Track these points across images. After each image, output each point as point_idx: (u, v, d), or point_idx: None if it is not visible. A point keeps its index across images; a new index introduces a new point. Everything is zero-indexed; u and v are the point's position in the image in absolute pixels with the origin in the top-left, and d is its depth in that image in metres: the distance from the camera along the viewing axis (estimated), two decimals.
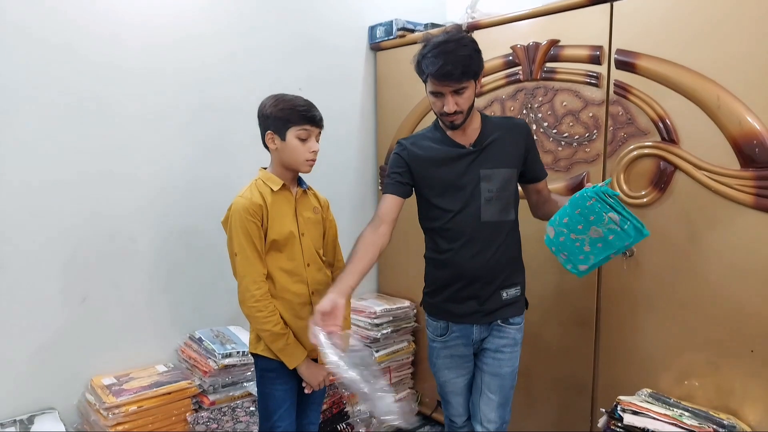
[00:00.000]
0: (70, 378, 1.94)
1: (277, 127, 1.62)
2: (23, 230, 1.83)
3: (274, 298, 1.65)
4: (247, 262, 1.60)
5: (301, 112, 1.62)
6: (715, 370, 1.71)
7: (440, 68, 1.49)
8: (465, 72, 1.51)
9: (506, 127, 1.68)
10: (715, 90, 1.62)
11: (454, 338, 1.74)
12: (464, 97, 1.55)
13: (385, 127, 2.77)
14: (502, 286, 1.68)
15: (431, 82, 1.55)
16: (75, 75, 1.89)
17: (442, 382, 1.81)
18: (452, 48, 1.50)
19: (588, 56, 1.92)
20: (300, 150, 1.63)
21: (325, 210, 1.81)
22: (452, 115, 1.57)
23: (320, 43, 2.56)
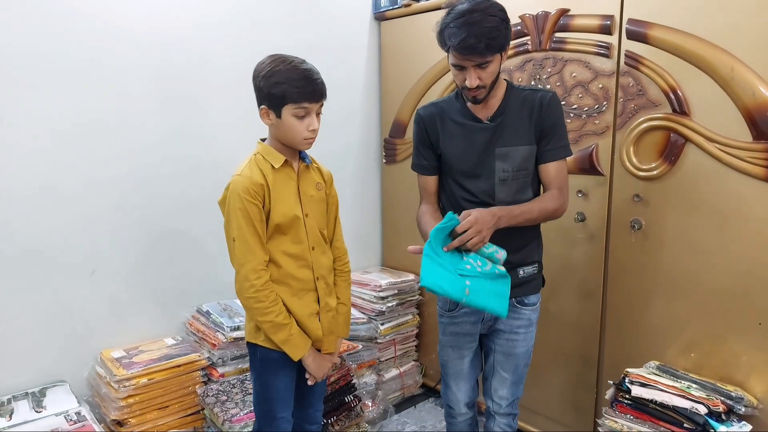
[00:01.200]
0: (80, 351, 1.95)
1: (271, 103, 1.45)
2: (31, 204, 1.82)
3: (276, 283, 1.53)
4: (247, 248, 1.46)
5: (297, 87, 1.42)
6: (723, 343, 1.72)
7: (463, 41, 1.38)
8: (489, 46, 1.39)
9: (529, 99, 1.55)
10: (728, 60, 1.60)
11: (462, 315, 1.68)
12: (488, 72, 1.45)
13: (389, 99, 2.73)
14: (519, 264, 1.59)
15: (453, 54, 1.45)
16: (74, 45, 1.86)
17: (444, 362, 1.77)
18: (477, 19, 1.38)
19: (598, 26, 1.88)
20: (297, 129, 1.46)
21: (329, 185, 1.66)
22: (474, 90, 1.47)
23: (323, 12, 2.51)
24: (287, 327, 1.52)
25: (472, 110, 1.58)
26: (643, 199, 1.85)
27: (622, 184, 1.89)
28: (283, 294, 1.54)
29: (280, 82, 1.42)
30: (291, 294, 1.55)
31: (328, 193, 1.66)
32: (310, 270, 1.58)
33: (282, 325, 1.51)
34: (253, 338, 1.58)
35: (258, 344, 1.57)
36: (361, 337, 2.44)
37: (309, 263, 1.57)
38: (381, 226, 2.91)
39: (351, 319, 2.44)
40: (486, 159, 1.55)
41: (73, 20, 1.84)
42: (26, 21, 1.76)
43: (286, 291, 1.54)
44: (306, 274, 1.57)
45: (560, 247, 2.09)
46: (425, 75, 2.49)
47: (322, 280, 1.60)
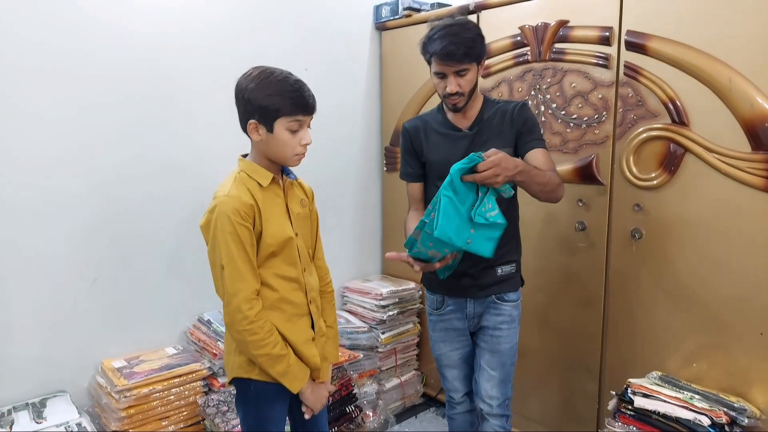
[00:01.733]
0: (80, 361, 1.95)
1: (263, 116, 1.34)
2: (34, 213, 1.82)
3: (269, 310, 1.40)
4: (238, 275, 1.33)
5: (291, 98, 1.34)
6: (724, 353, 1.72)
7: (444, 48, 1.54)
8: (467, 53, 1.55)
9: (503, 109, 1.69)
10: (726, 72, 1.61)
11: (449, 312, 1.79)
12: (466, 79, 1.60)
13: (390, 107, 2.75)
14: (497, 263, 1.69)
15: (435, 62, 1.59)
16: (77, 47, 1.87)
17: (438, 356, 1.87)
18: (456, 30, 1.56)
19: (598, 37, 1.89)
20: (290, 143, 1.37)
21: (311, 201, 1.58)
22: (454, 97, 1.61)
23: (325, 22, 2.53)
24: (285, 358, 1.39)
25: (452, 121, 1.72)
26: (644, 209, 1.85)
27: (623, 194, 1.90)
28: (277, 321, 1.41)
29: (273, 94, 1.33)
30: (285, 320, 1.43)
31: (311, 209, 1.57)
32: (303, 293, 1.48)
33: (280, 357, 1.38)
34: (245, 373, 1.43)
35: (252, 378, 1.43)
36: (362, 346, 2.44)
37: (302, 285, 1.48)
38: (381, 234, 2.91)
39: (352, 328, 2.47)
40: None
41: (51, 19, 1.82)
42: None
43: (279, 317, 1.42)
44: (300, 297, 1.47)
45: (561, 255, 2.10)
46: (425, 84, 2.51)
47: (314, 303, 1.52)
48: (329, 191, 2.61)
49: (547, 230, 2.13)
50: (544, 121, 2.09)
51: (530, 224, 2.10)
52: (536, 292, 2.16)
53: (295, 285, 1.46)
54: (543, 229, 2.14)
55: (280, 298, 1.43)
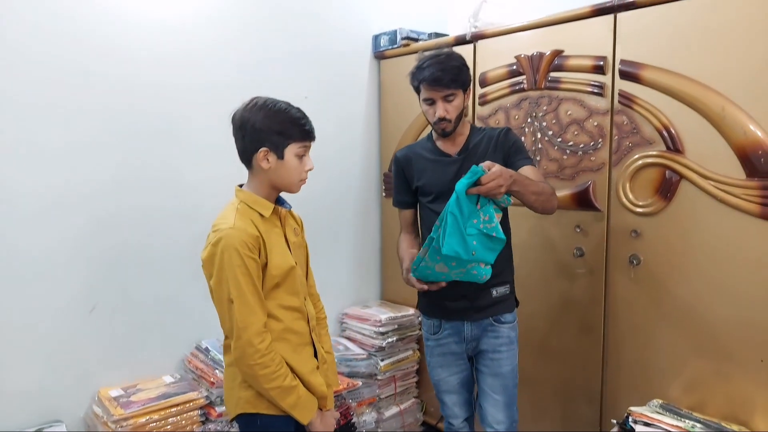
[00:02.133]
0: (77, 390, 1.94)
1: (274, 143, 1.37)
2: (32, 240, 1.83)
3: (275, 341, 1.40)
4: (248, 309, 1.32)
5: (301, 125, 1.39)
6: (725, 380, 1.71)
7: (432, 74, 1.65)
8: (453, 80, 1.66)
9: (489, 135, 1.79)
10: (719, 100, 1.63)
11: (446, 335, 1.82)
12: (453, 105, 1.69)
13: (388, 134, 2.78)
14: (492, 285, 1.72)
15: (424, 88, 1.70)
16: (81, 80, 1.90)
17: (436, 381, 1.88)
18: (443, 59, 1.67)
19: (592, 66, 1.93)
20: (298, 169, 1.41)
21: (302, 229, 1.61)
22: (443, 122, 1.70)
23: (325, 51, 2.57)
24: (296, 389, 1.39)
25: (441, 148, 1.80)
26: (641, 235, 1.86)
27: (620, 220, 1.91)
28: (283, 351, 1.41)
29: (284, 121, 1.37)
30: (291, 350, 1.43)
31: (303, 237, 1.60)
32: (305, 321, 1.49)
33: (291, 388, 1.38)
34: (252, 408, 1.41)
35: (259, 413, 1.42)
36: (361, 374, 2.42)
37: (305, 314, 1.49)
38: (381, 259, 2.91)
39: (351, 355, 2.45)
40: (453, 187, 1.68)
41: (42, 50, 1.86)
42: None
43: (286, 348, 1.42)
44: (303, 326, 1.48)
45: (560, 282, 2.10)
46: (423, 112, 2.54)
47: (314, 331, 1.54)
48: (328, 217, 2.62)
49: (545, 256, 2.14)
50: (540, 148, 2.11)
51: (528, 250, 2.11)
52: (535, 318, 2.15)
53: (298, 314, 1.47)
54: (541, 255, 2.15)
55: (285, 329, 1.43)
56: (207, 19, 2.19)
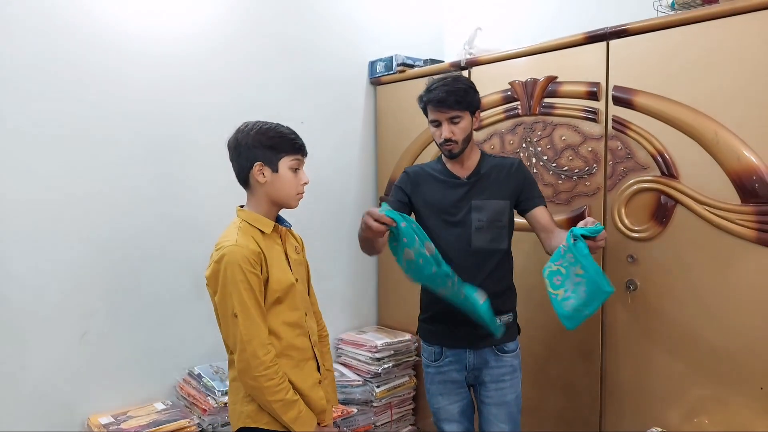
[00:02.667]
0: (67, 417, 1.90)
1: (267, 158, 1.44)
2: (22, 265, 1.82)
3: (277, 357, 1.42)
4: (252, 322, 1.36)
5: (291, 139, 1.47)
6: (724, 408, 1.68)
7: (436, 96, 1.68)
8: (458, 101, 1.67)
9: (501, 164, 1.79)
10: (712, 126, 1.65)
11: (447, 363, 1.79)
12: (459, 127, 1.69)
13: (385, 159, 2.79)
14: (496, 312, 1.68)
15: (430, 110, 1.72)
16: (72, 101, 1.91)
17: (436, 409, 1.84)
18: (449, 82, 1.70)
19: (586, 92, 1.95)
20: (293, 182, 1.48)
21: (303, 248, 1.65)
22: (449, 143, 1.70)
23: (322, 77, 2.60)
24: (297, 404, 1.42)
25: (450, 169, 1.79)
26: (637, 260, 1.86)
27: (616, 245, 1.91)
28: (285, 367, 1.43)
29: (275, 137, 1.46)
30: (293, 366, 1.46)
31: (304, 255, 1.64)
32: (307, 337, 1.53)
33: (292, 402, 1.40)
34: (253, 422, 1.44)
35: (260, 428, 1.44)
36: (356, 401, 2.39)
37: (306, 330, 1.52)
38: (377, 284, 2.90)
39: (346, 381, 2.42)
40: (463, 209, 1.73)
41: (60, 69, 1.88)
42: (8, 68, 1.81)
43: (287, 364, 1.45)
44: (305, 342, 1.51)
45: None
46: (419, 137, 2.56)
47: (316, 346, 1.57)
48: (325, 241, 2.61)
49: (542, 281, 2.11)
50: (535, 173, 2.12)
51: (526, 276, 2.09)
52: (533, 343, 2.13)
53: (299, 330, 1.50)
54: (538, 280, 2.11)
55: (287, 345, 1.46)
56: (205, 44, 2.21)
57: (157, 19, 2.08)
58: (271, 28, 2.40)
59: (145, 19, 2.05)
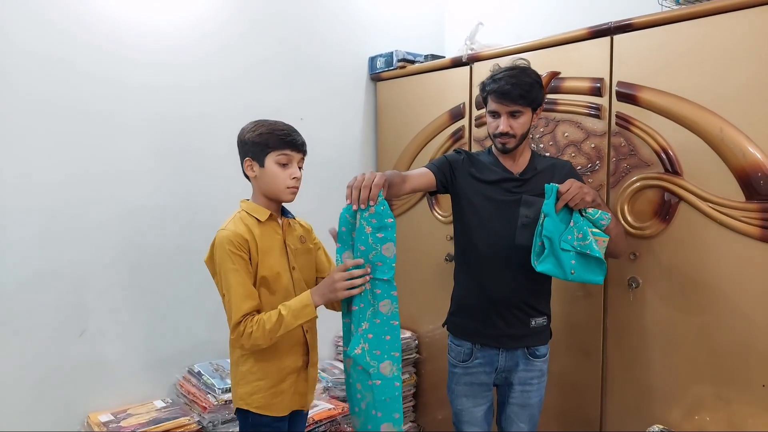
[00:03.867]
0: (67, 415, 1.90)
1: (255, 153, 1.52)
2: (20, 262, 1.81)
3: (265, 364, 1.52)
4: (237, 298, 1.44)
5: (280, 135, 1.52)
6: (726, 405, 1.67)
7: (500, 87, 1.61)
8: (523, 95, 1.61)
9: (554, 164, 1.77)
10: (717, 122, 1.63)
11: (477, 365, 1.74)
12: (519, 122, 1.64)
13: (385, 156, 2.77)
14: (531, 314, 1.70)
15: (491, 100, 1.65)
16: (73, 105, 1.90)
17: (458, 410, 1.80)
18: (516, 74, 1.63)
19: (589, 88, 1.93)
20: (280, 176, 1.52)
21: (310, 235, 1.70)
22: (505, 137, 1.64)
23: (321, 73, 2.58)
24: (283, 317, 1.43)
25: (502, 162, 1.74)
26: (640, 257, 1.84)
27: None
28: (271, 350, 1.50)
29: (264, 133, 1.52)
30: (275, 349, 1.51)
31: (313, 242, 1.70)
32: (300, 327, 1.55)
33: (281, 319, 1.43)
34: (245, 405, 1.53)
35: (250, 411, 1.52)
36: None
37: None
38: None
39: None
40: (511, 204, 1.69)
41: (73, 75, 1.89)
42: (22, 69, 1.80)
43: (273, 349, 1.51)
44: (295, 331, 1.53)
45: (559, 304, 2.06)
46: (420, 134, 2.54)
47: (310, 332, 1.60)
48: (324, 239, 2.59)
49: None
50: None
51: None
52: None
53: None
54: None
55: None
56: (201, 41, 2.19)
57: (156, 16, 2.06)
58: (270, 24, 2.39)
59: (144, 16, 2.03)
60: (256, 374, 1.52)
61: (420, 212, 2.59)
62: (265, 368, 1.53)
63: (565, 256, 1.56)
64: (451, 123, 2.42)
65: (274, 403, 1.53)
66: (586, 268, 1.57)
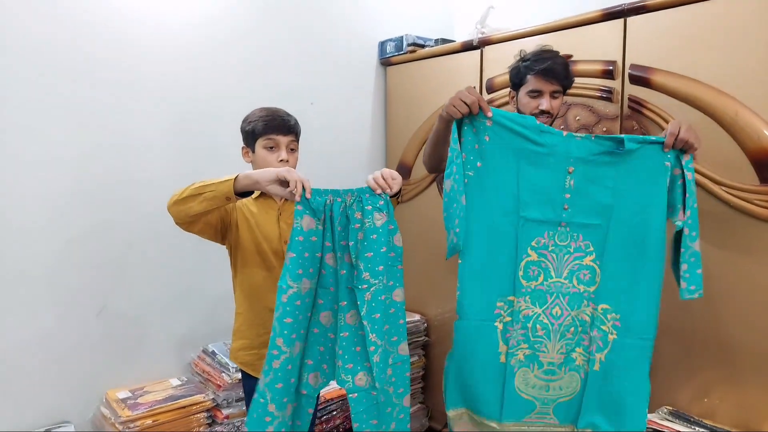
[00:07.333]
0: (85, 391, 1.94)
1: (247, 141, 1.62)
2: (38, 242, 1.84)
3: (251, 326, 1.61)
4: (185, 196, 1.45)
5: (264, 121, 1.58)
6: (736, 388, 1.69)
7: (549, 66, 1.62)
8: (566, 76, 1.65)
9: None
10: (732, 104, 1.63)
11: None
12: (557, 102, 1.68)
13: (394, 140, 2.78)
14: None
15: (534, 79, 1.64)
16: (87, 87, 1.92)
17: None
18: (555, 55, 1.67)
19: (601, 71, 1.93)
20: (268, 160, 1.58)
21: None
22: (543, 115, 1.65)
23: (331, 58, 2.58)
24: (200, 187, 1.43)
25: None
26: None
27: None
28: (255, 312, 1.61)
29: (252, 120, 1.60)
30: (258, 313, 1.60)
31: None
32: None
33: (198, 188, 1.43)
34: (233, 358, 1.67)
35: (247, 373, 1.62)
36: None
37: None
38: None
39: None
40: None
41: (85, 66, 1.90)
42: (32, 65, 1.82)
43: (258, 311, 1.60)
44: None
45: None
46: (430, 118, 2.54)
47: None
48: None
49: None
50: None
51: None
52: None
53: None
54: None
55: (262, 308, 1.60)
56: (212, 25, 2.19)
57: (167, 2, 2.07)
58: (281, 9, 2.38)
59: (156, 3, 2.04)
60: (242, 333, 1.65)
61: (429, 197, 2.60)
62: (249, 330, 1.64)
63: None
64: None
65: (258, 364, 1.55)
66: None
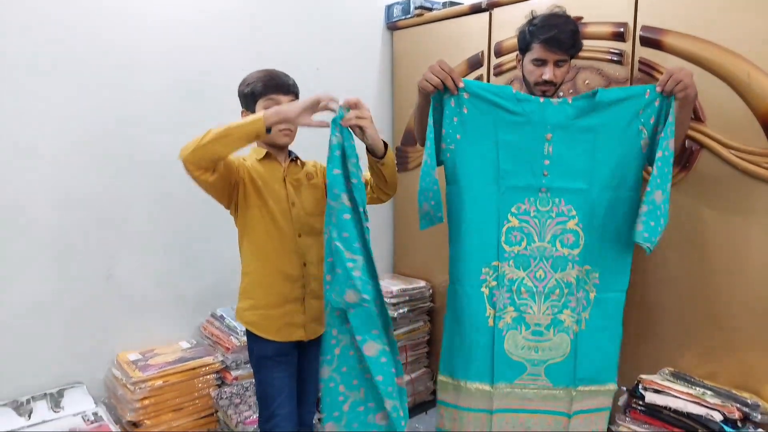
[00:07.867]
0: (96, 353, 1.98)
1: (247, 104, 1.60)
2: (47, 207, 1.85)
3: (258, 286, 1.62)
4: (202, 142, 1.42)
5: (264, 82, 1.56)
6: (738, 351, 1.71)
7: (554, 35, 1.57)
8: (573, 45, 1.62)
9: None
10: (745, 66, 1.60)
11: None
12: (562, 71, 1.65)
13: (401, 108, 2.75)
14: None
15: (538, 48, 1.61)
16: (93, 49, 1.90)
17: None
18: (563, 21, 1.61)
19: (612, 33, 1.89)
20: None
21: (322, 173, 1.71)
22: (547, 85, 1.63)
23: (337, 22, 2.54)
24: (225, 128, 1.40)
25: None
26: None
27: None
28: (263, 274, 1.61)
29: (251, 82, 1.57)
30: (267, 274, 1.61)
31: (324, 181, 1.67)
32: (296, 255, 1.62)
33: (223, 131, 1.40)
34: (239, 317, 1.67)
35: (252, 333, 1.63)
36: None
37: (293, 249, 1.62)
38: (392, 233, 2.92)
39: None
40: None
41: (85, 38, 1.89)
42: (30, 34, 1.80)
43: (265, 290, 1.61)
44: (291, 260, 1.62)
45: None
46: None
47: (311, 266, 1.64)
48: None
49: None
50: None
51: None
52: None
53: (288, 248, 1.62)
54: None
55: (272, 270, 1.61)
56: None
57: None
58: None
59: None
60: (249, 293, 1.65)
61: None
62: (255, 290, 1.63)
63: None
64: (469, 72, 2.39)
65: (264, 324, 1.62)
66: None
